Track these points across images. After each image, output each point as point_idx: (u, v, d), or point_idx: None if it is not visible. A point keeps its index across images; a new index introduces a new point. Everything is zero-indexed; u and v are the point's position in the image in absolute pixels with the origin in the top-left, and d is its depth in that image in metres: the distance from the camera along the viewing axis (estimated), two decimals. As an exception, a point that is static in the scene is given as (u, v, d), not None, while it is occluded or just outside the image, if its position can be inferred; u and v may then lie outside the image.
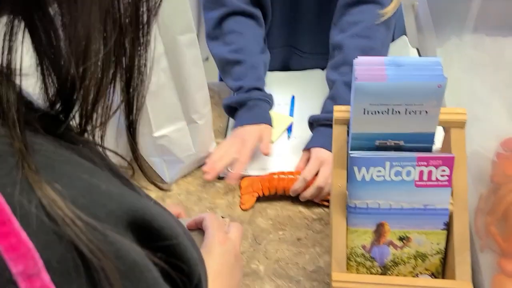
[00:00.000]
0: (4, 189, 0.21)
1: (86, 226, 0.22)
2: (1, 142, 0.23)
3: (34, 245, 0.21)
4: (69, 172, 0.24)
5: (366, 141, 0.61)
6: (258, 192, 0.80)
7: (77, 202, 0.22)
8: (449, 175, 0.59)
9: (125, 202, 0.25)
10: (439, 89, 0.56)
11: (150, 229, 0.25)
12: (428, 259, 0.63)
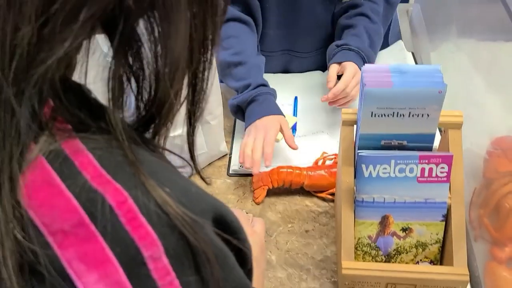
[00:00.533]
0: (130, 191, 0.26)
1: (191, 220, 0.27)
2: (117, 153, 0.28)
3: (156, 235, 0.26)
4: (169, 177, 0.29)
5: (373, 141, 0.67)
6: (268, 185, 0.86)
7: (181, 201, 0.27)
8: (447, 172, 0.66)
9: (209, 201, 0.30)
10: (440, 94, 0.62)
11: (225, 223, 0.31)
12: (428, 248, 0.70)
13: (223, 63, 0.96)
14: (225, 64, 0.96)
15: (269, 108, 0.92)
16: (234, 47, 0.95)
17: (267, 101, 0.93)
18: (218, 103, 0.87)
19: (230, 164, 0.93)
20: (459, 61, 0.95)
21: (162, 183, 0.28)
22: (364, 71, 0.65)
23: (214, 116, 0.88)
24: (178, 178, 0.30)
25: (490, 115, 0.84)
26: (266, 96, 0.93)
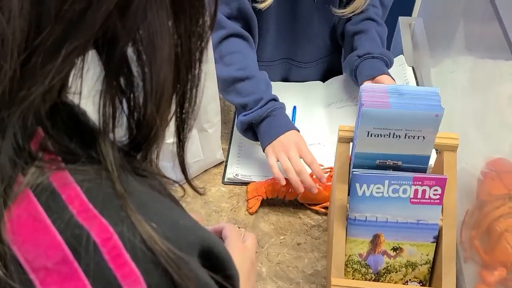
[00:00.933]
0: (116, 227, 0.27)
1: (175, 257, 0.27)
2: (106, 185, 0.28)
3: (140, 272, 0.26)
4: (158, 210, 0.29)
5: (368, 160, 0.68)
6: (262, 195, 0.86)
7: (167, 236, 0.28)
8: (441, 194, 0.66)
9: (197, 233, 0.30)
10: (436, 118, 0.63)
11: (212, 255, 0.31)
12: (417, 268, 0.70)
13: (227, 78, 0.90)
14: (230, 80, 0.90)
15: (288, 123, 0.88)
16: (238, 63, 0.91)
17: (283, 116, 0.89)
18: (216, 112, 0.88)
19: (225, 172, 0.94)
20: (459, 79, 0.96)
21: (149, 217, 0.28)
22: (363, 91, 0.66)
23: (212, 124, 0.88)
24: (167, 209, 0.30)
25: (487, 136, 0.84)
26: (281, 111, 0.89)
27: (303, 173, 0.82)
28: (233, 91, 0.91)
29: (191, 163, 0.90)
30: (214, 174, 0.95)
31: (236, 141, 1.00)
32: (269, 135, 0.87)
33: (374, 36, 0.97)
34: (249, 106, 0.88)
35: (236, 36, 0.93)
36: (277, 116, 0.88)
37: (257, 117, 0.87)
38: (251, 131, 0.90)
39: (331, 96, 1.08)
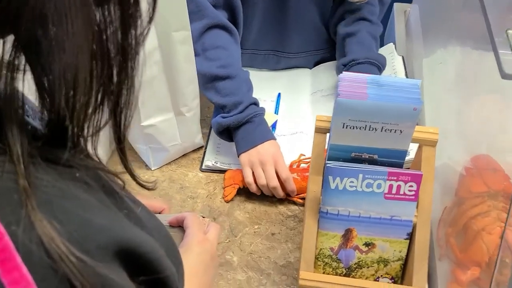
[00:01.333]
0: (9, 228, 0.24)
1: (78, 261, 0.25)
2: (8, 178, 0.25)
3: (33, 279, 0.24)
4: (66, 208, 0.27)
5: (343, 152, 0.65)
6: (239, 184, 0.84)
7: (72, 237, 0.25)
8: (416, 190, 0.64)
9: (113, 234, 0.28)
10: (415, 111, 0.60)
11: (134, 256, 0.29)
12: (389, 264, 0.69)
13: (207, 75, 0.85)
14: (210, 76, 0.85)
15: (267, 132, 0.85)
16: (221, 59, 0.86)
17: (263, 123, 0.85)
18: (194, 95, 0.85)
19: (204, 159, 0.91)
20: (446, 71, 0.93)
21: (53, 215, 0.25)
22: (341, 80, 0.63)
23: (190, 108, 0.85)
24: (80, 207, 0.28)
25: (472, 131, 0.82)
26: (261, 118, 0.85)
27: (277, 190, 0.81)
28: (212, 88, 0.86)
29: (168, 147, 0.88)
30: (193, 159, 0.93)
31: (216, 126, 0.97)
32: (246, 143, 0.84)
33: (364, 39, 0.94)
34: (228, 108, 0.84)
35: (221, 28, 0.88)
36: (256, 123, 0.84)
37: (235, 122, 0.84)
38: (227, 133, 0.87)
39: (317, 84, 1.05)
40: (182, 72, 0.80)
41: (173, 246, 0.39)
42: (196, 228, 0.53)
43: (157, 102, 0.81)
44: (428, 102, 0.98)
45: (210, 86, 0.86)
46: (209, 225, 0.57)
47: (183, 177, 0.90)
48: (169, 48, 0.76)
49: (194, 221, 0.54)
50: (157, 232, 0.37)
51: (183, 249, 0.51)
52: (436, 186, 0.70)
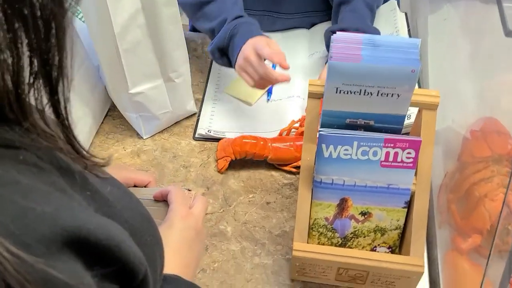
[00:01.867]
0: None
1: (13, 257, 0.22)
2: None
3: None
4: (2, 197, 0.24)
5: (337, 118, 0.62)
6: (230, 156, 0.81)
7: (7, 230, 0.23)
8: (414, 157, 0.60)
9: (59, 222, 0.25)
10: (413, 74, 0.56)
11: (87, 244, 0.26)
12: (387, 233, 0.66)
13: (193, 4, 0.84)
14: (195, 4, 0.84)
15: (252, 32, 0.80)
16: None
17: (249, 30, 0.80)
18: (183, 60, 0.81)
19: (197, 127, 0.88)
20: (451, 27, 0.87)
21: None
22: (334, 41, 0.58)
23: (179, 74, 0.81)
24: (20, 194, 0.25)
25: (479, 93, 0.77)
26: (245, 27, 0.80)
27: (270, 73, 0.77)
28: (202, 17, 0.84)
29: (159, 115, 0.85)
30: (186, 126, 0.90)
31: (210, 94, 0.94)
32: (234, 52, 0.81)
33: (359, 6, 0.88)
34: (216, 30, 0.82)
35: None
36: (241, 32, 0.80)
37: (221, 39, 0.81)
38: (225, 57, 0.84)
39: (315, 45, 1.00)
40: (168, 36, 0.75)
41: (149, 224, 0.37)
42: (179, 203, 0.51)
43: (143, 68, 0.77)
44: (432, 62, 0.93)
45: (200, 15, 0.84)
46: (195, 198, 0.54)
47: (175, 145, 0.87)
48: (153, 10, 0.71)
49: (178, 195, 0.52)
50: (129, 211, 0.34)
51: (166, 225, 0.49)
52: (439, 150, 0.66)
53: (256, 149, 0.79)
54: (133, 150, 0.86)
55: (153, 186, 0.60)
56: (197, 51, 1.05)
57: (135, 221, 0.34)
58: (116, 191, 0.35)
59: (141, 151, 0.86)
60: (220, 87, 0.95)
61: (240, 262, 0.71)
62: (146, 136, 0.87)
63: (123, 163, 0.85)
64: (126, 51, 0.74)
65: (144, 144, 0.87)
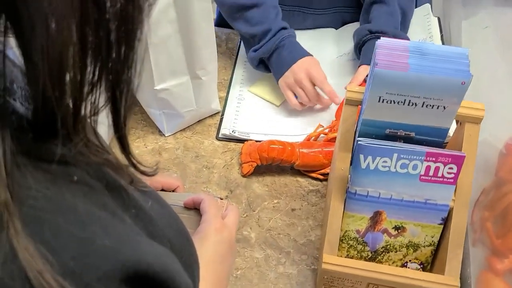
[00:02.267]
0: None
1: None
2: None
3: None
4: (60, 228, 0.21)
5: (377, 128, 0.59)
6: (256, 161, 0.78)
7: (66, 269, 0.20)
8: (456, 173, 0.58)
9: (120, 258, 0.22)
10: (463, 86, 0.53)
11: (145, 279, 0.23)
12: (420, 249, 0.64)
13: (233, 5, 0.85)
14: (236, 7, 0.85)
15: (300, 51, 0.85)
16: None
17: (294, 44, 0.85)
18: (212, 58, 0.78)
19: (220, 127, 0.86)
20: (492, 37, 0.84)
21: (44, 239, 0.20)
22: (379, 47, 0.55)
23: (207, 71, 0.79)
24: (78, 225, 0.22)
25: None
26: (291, 40, 0.84)
27: (321, 99, 0.84)
28: (241, 19, 0.86)
29: (183, 113, 0.82)
30: (209, 125, 0.87)
31: (235, 92, 0.91)
32: (280, 67, 0.84)
33: (395, 10, 0.85)
34: (258, 37, 0.84)
35: None
36: (287, 45, 0.84)
37: (266, 51, 0.84)
38: (263, 65, 0.87)
39: (343, 46, 0.96)
40: (199, 32, 0.73)
41: (188, 242, 0.35)
42: (213, 214, 0.48)
43: (171, 64, 0.75)
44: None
45: (238, 17, 0.86)
46: (227, 208, 0.52)
47: (198, 145, 0.85)
48: (185, 4, 0.69)
49: (212, 205, 0.49)
50: (170, 229, 0.32)
51: (200, 236, 0.46)
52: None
53: (284, 155, 0.76)
54: (154, 148, 0.84)
55: (181, 191, 0.58)
56: (222, 47, 1.02)
57: (177, 241, 0.32)
58: (156, 206, 0.32)
59: (163, 149, 0.84)
60: (244, 85, 0.93)
61: (264, 271, 0.69)
62: (168, 134, 0.85)
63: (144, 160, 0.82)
64: (155, 46, 0.71)
65: (166, 141, 0.85)
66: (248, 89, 0.91)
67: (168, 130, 0.84)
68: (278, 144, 0.77)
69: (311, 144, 0.78)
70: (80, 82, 0.22)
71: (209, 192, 0.77)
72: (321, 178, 0.78)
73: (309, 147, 0.78)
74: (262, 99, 0.90)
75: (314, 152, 0.77)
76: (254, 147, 0.78)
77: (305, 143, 0.79)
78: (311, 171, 0.78)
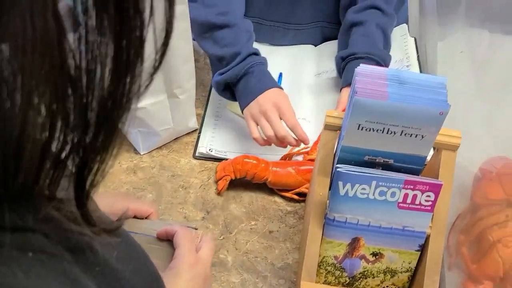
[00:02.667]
0: None
1: None
2: None
3: None
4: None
5: (356, 154, 0.59)
6: (230, 175, 0.77)
7: None
8: (433, 200, 0.58)
9: None
10: (440, 116, 0.53)
11: None
12: (397, 275, 0.64)
13: (204, 23, 0.80)
14: (207, 25, 0.80)
15: (270, 81, 0.79)
16: (219, 6, 0.80)
17: (263, 73, 0.79)
18: (190, 76, 0.77)
19: (197, 145, 0.84)
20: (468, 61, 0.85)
21: None
22: (358, 74, 0.55)
23: (184, 89, 0.77)
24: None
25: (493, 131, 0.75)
26: (261, 67, 0.79)
27: (287, 138, 0.75)
28: (210, 38, 0.80)
29: (159, 131, 0.80)
30: (186, 143, 0.86)
31: (212, 109, 0.90)
32: (246, 96, 0.78)
33: (371, 31, 0.84)
34: (226, 60, 0.79)
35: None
36: (256, 73, 0.78)
37: (233, 76, 0.78)
38: (228, 91, 0.81)
39: (322, 64, 0.97)
40: (177, 50, 0.71)
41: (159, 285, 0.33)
42: (187, 248, 0.47)
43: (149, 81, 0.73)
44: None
45: (208, 36, 0.80)
46: (202, 239, 0.50)
47: (174, 163, 0.83)
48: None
49: (185, 238, 0.48)
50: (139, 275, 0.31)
51: (172, 273, 0.45)
52: (449, 188, 0.64)
53: (257, 169, 0.76)
54: (129, 166, 0.82)
55: (154, 218, 0.56)
56: (200, 62, 1.01)
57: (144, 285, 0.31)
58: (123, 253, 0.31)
59: (138, 167, 0.82)
60: (222, 103, 0.91)
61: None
62: (144, 152, 0.83)
63: (118, 179, 0.80)
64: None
65: (142, 160, 0.83)
66: (226, 107, 0.90)
67: (144, 148, 0.83)
68: (253, 159, 0.77)
69: (285, 163, 0.78)
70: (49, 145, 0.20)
71: (185, 213, 0.76)
72: (296, 199, 0.78)
73: (283, 166, 0.77)
74: (240, 116, 0.89)
75: (287, 169, 0.76)
76: (227, 162, 0.78)
77: (279, 162, 0.79)
78: (284, 190, 0.78)
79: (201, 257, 0.47)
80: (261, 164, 0.77)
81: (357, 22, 0.87)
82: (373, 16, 0.85)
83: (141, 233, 0.33)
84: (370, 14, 0.85)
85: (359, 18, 0.86)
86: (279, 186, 0.77)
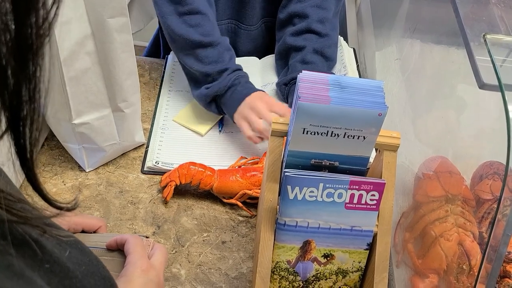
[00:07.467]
0: None
1: None
2: None
3: None
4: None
5: (302, 159, 0.60)
6: (175, 180, 0.77)
7: None
8: (378, 199, 0.60)
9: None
10: (380, 117, 0.56)
11: None
12: (348, 275, 0.65)
13: (188, 41, 0.82)
14: (191, 43, 0.83)
15: (252, 87, 0.84)
16: (202, 26, 0.83)
17: (248, 83, 0.85)
18: (134, 90, 0.76)
19: (145, 160, 0.83)
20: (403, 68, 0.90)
21: None
22: (301, 80, 0.57)
23: (129, 103, 0.76)
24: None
25: (429, 133, 0.79)
26: (246, 79, 0.85)
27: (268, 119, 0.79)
28: (193, 56, 0.84)
29: (105, 147, 0.78)
30: (133, 158, 0.84)
31: (159, 123, 0.89)
32: (234, 102, 0.83)
33: (309, 59, 0.89)
34: (212, 76, 0.83)
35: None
36: (242, 84, 0.84)
37: (221, 87, 0.83)
38: (214, 103, 0.85)
39: (266, 76, 0.99)
40: (120, 64, 0.70)
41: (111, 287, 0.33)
42: (139, 254, 0.46)
43: (90, 97, 0.71)
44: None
45: (191, 53, 0.84)
46: (154, 247, 0.49)
47: (122, 179, 0.81)
48: (104, 36, 0.66)
49: (137, 245, 0.47)
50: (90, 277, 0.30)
51: (125, 280, 0.43)
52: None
53: (203, 175, 0.76)
54: (74, 185, 0.79)
55: (103, 232, 0.55)
56: (145, 77, 1.00)
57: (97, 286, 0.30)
58: (75, 253, 0.30)
59: (84, 185, 0.79)
60: (169, 115, 0.91)
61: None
62: (89, 169, 0.80)
63: (62, 198, 0.77)
64: (72, 79, 0.68)
65: (87, 177, 0.80)
66: (173, 119, 0.90)
67: (89, 165, 0.80)
68: (199, 166, 0.77)
69: (231, 171, 0.79)
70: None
71: (135, 229, 0.74)
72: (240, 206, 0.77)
73: (229, 172, 0.78)
74: (187, 128, 0.89)
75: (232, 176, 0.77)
76: (173, 169, 0.77)
77: (226, 170, 0.79)
78: (228, 197, 0.78)
79: (154, 263, 0.46)
80: (207, 171, 0.77)
81: (295, 46, 0.91)
82: (310, 41, 0.89)
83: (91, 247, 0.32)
84: (306, 39, 0.90)
85: (297, 42, 0.90)
86: (224, 193, 0.77)
